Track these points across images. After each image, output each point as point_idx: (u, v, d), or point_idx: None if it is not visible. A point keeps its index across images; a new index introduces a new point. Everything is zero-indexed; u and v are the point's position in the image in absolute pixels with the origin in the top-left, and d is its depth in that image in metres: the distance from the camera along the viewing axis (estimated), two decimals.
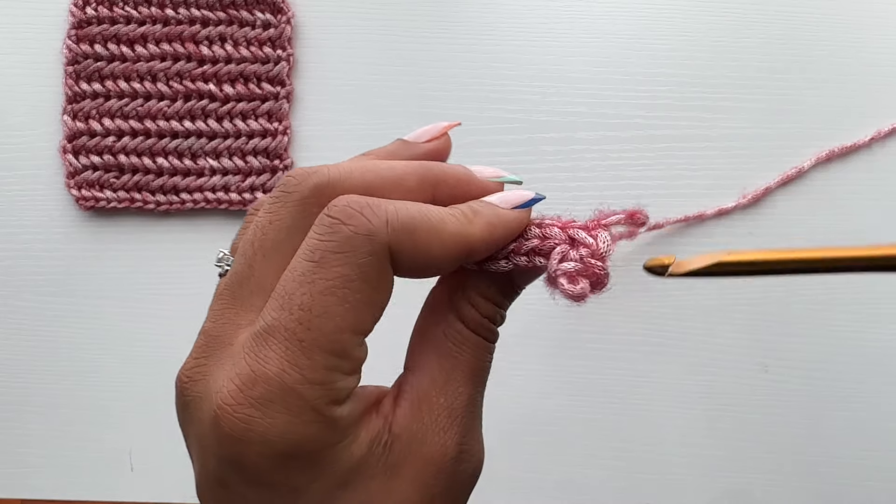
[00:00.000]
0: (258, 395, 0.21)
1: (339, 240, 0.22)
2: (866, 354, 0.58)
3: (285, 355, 0.21)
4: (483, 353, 0.26)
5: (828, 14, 0.59)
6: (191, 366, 0.24)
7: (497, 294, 0.26)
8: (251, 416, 0.21)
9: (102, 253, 0.59)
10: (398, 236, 0.22)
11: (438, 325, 0.26)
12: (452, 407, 0.25)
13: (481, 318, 0.26)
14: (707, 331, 0.58)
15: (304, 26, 0.60)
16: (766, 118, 0.59)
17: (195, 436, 0.23)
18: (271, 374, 0.21)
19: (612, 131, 0.59)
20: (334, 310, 0.22)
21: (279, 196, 0.24)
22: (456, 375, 0.25)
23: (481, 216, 0.25)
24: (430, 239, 0.23)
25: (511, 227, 0.25)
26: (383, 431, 0.24)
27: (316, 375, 0.22)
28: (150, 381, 0.59)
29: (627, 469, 0.58)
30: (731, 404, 0.58)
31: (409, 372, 0.26)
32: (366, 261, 0.22)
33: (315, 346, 0.21)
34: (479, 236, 0.24)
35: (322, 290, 0.22)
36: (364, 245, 0.22)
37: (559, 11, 0.59)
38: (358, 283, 0.22)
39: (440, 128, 0.28)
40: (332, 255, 0.22)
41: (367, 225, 0.22)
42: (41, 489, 0.59)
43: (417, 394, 0.25)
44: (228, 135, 0.58)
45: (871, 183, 0.58)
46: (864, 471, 0.58)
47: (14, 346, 0.59)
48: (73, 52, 0.58)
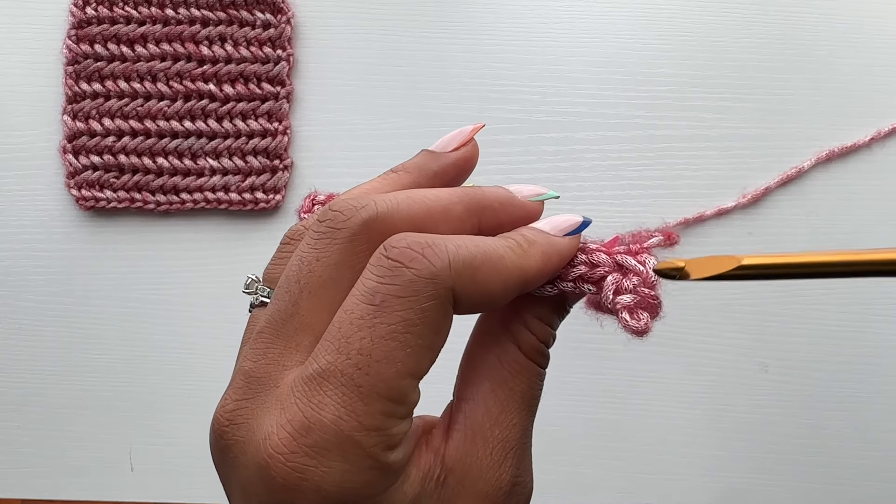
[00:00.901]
0: (312, 444, 0.21)
1: (402, 283, 0.21)
2: (866, 354, 0.58)
3: (342, 401, 0.21)
4: (537, 380, 0.25)
5: (828, 14, 0.59)
6: (231, 408, 0.23)
7: (551, 315, 0.26)
8: (305, 466, 0.21)
9: (102, 253, 0.59)
10: (461, 278, 0.22)
11: (492, 351, 0.25)
12: (507, 439, 0.24)
13: (538, 342, 0.25)
14: (707, 331, 0.58)
15: (304, 26, 0.60)
16: (766, 118, 0.59)
17: (238, 482, 0.22)
18: (327, 422, 0.21)
19: (612, 131, 0.59)
20: (395, 355, 0.21)
21: (326, 232, 0.23)
22: (510, 406, 0.24)
23: (536, 246, 0.24)
24: (490, 276, 0.22)
25: (564, 255, 0.25)
26: (435, 466, 0.23)
27: (373, 422, 0.21)
28: (150, 381, 0.59)
29: (627, 469, 0.58)
30: (731, 404, 0.58)
31: (460, 401, 0.25)
32: (429, 305, 0.21)
33: (373, 392, 0.21)
34: (536, 267, 0.24)
35: (383, 335, 0.21)
36: (427, 289, 0.21)
37: (559, 11, 0.59)
38: (421, 327, 0.21)
39: (466, 133, 0.27)
40: (394, 299, 0.21)
41: (430, 268, 0.21)
42: (41, 489, 0.59)
43: (471, 426, 0.24)
44: (228, 135, 0.58)
45: (871, 183, 0.58)
46: (864, 471, 0.58)
47: (14, 346, 0.59)
48: (73, 52, 0.58)
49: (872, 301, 0.58)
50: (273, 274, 0.26)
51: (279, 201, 0.59)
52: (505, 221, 0.25)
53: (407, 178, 0.26)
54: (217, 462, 0.23)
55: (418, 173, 0.26)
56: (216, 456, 0.23)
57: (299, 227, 0.26)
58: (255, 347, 0.23)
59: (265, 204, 0.58)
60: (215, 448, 0.23)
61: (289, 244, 0.26)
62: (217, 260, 0.59)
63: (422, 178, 0.26)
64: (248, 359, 0.23)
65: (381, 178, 0.27)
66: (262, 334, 0.23)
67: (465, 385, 0.25)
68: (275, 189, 0.59)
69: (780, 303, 0.58)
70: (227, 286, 0.59)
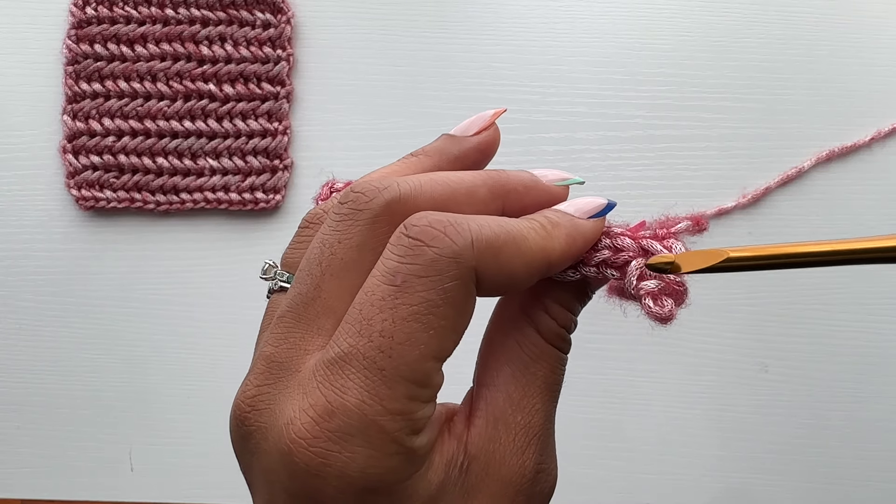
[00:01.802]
0: (335, 428, 0.20)
1: (424, 263, 0.21)
2: (866, 354, 0.58)
3: (365, 385, 0.20)
4: (558, 365, 0.25)
5: (828, 14, 0.59)
6: (252, 393, 0.22)
7: (572, 300, 0.25)
8: (328, 451, 0.20)
9: (102, 253, 0.59)
10: (484, 257, 0.21)
11: (511, 336, 0.24)
12: (530, 425, 0.24)
13: (558, 327, 0.24)
14: (707, 331, 0.58)
15: (304, 26, 0.60)
16: (766, 118, 0.59)
17: (260, 469, 0.22)
18: (350, 406, 0.20)
19: (613, 131, 0.59)
20: (418, 336, 0.20)
21: (348, 213, 0.23)
22: (532, 391, 0.24)
23: (560, 228, 0.23)
24: (513, 257, 0.22)
25: (588, 238, 0.24)
26: (458, 453, 0.23)
27: (397, 406, 0.20)
28: (150, 381, 0.59)
29: (627, 469, 0.58)
30: (731, 404, 0.58)
31: (481, 387, 0.24)
32: (452, 285, 0.21)
33: (397, 374, 0.20)
34: (560, 250, 0.23)
35: (405, 317, 0.20)
36: (450, 268, 0.21)
37: (559, 11, 0.59)
38: (444, 308, 0.21)
39: (487, 117, 0.27)
40: (415, 279, 0.20)
41: (453, 247, 0.21)
42: (41, 489, 0.59)
43: (493, 412, 0.23)
44: (228, 135, 0.58)
45: (871, 183, 0.58)
46: (864, 471, 0.58)
47: (14, 346, 0.59)
48: (73, 52, 0.58)
49: (872, 301, 0.58)
50: (291, 259, 0.26)
51: (279, 201, 0.59)
52: (529, 205, 0.24)
53: (428, 162, 0.26)
54: (238, 450, 0.23)
55: (439, 157, 0.26)
56: (237, 443, 0.23)
57: (318, 211, 0.26)
58: (276, 332, 0.23)
59: (265, 204, 0.58)
60: (236, 435, 0.23)
61: (308, 228, 0.26)
62: (217, 260, 0.59)
63: (443, 161, 0.26)
64: (269, 343, 0.23)
65: (401, 162, 0.26)
66: (284, 318, 0.23)
67: (485, 371, 0.24)
68: (275, 189, 0.59)
69: (780, 303, 0.58)
70: (227, 286, 0.59)
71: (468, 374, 0.25)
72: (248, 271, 0.59)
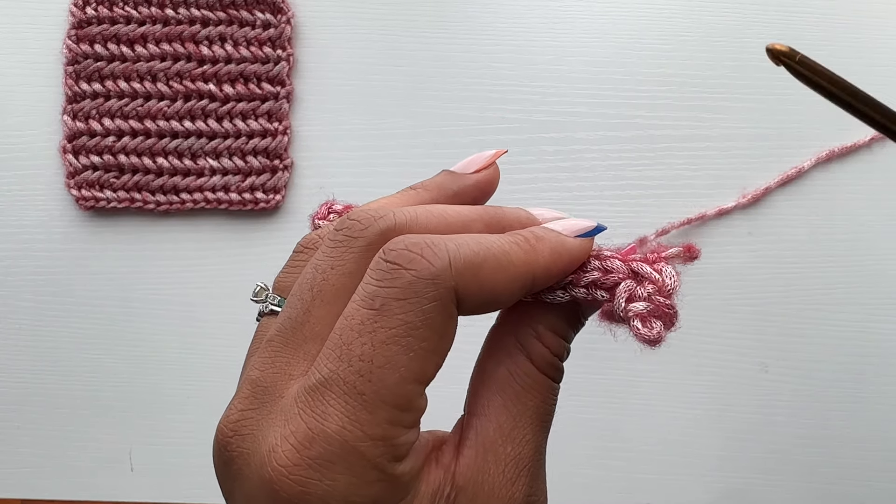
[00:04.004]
0: (316, 456, 0.20)
1: (401, 286, 0.21)
2: (866, 354, 0.58)
3: (345, 411, 0.20)
4: (550, 395, 0.24)
5: (828, 14, 0.59)
6: (236, 418, 0.22)
7: (566, 327, 0.25)
8: (309, 479, 0.20)
9: (102, 253, 0.59)
10: (463, 277, 0.21)
11: (503, 364, 0.24)
12: (520, 456, 0.23)
13: (551, 356, 0.24)
14: (707, 331, 0.58)
15: (304, 26, 0.60)
16: (766, 118, 0.59)
17: (242, 495, 0.22)
18: (330, 432, 0.20)
19: (612, 131, 0.59)
20: (398, 360, 0.20)
21: (342, 241, 0.23)
22: (523, 422, 0.23)
23: (545, 243, 0.23)
24: (494, 273, 0.22)
25: (574, 255, 0.24)
26: (445, 483, 0.22)
27: (378, 431, 0.20)
28: (150, 381, 0.59)
29: (627, 469, 0.58)
30: (731, 404, 0.58)
31: (472, 417, 0.24)
32: (430, 307, 0.21)
33: (377, 399, 0.20)
34: (544, 264, 0.23)
35: (384, 340, 0.20)
36: (428, 290, 0.21)
37: (559, 11, 0.59)
38: (423, 330, 0.21)
39: (487, 157, 0.27)
40: (393, 301, 0.21)
41: (430, 269, 0.21)
42: (41, 489, 0.59)
43: (482, 442, 0.23)
44: (228, 135, 0.58)
45: (871, 183, 0.58)
46: (864, 471, 0.58)
47: (14, 346, 0.59)
48: (73, 52, 0.58)
49: (872, 301, 0.58)
50: (284, 282, 0.26)
51: (279, 201, 0.59)
52: None
53: (426, 196, 0.26)
54: (220, 474, 0.23)
55: (438, 191, 0.26)
56: (219, 469, 0.23)
57: (314, 237, 0.26)
58: (263, 356, 0.23)
59: (265, 204, 0.58)
60: (219, 460, 0.23)
61: (302, 253, 0.26)
62: (217, 260, 0.59)
63: (441, 196, 0.26)
64: (255, 367, 0.23)
65: (399, 194, 0.26)
66: (272, 342, 0.23)
67: (476, 400, 0.24)
68: (275, 189, 0.59)
69: (780, 303, 0.58)
70: (226, 286, 0.59)
71: (458, 402, 0.25)
72: (248, 271, 0.59)
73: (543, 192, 0.58)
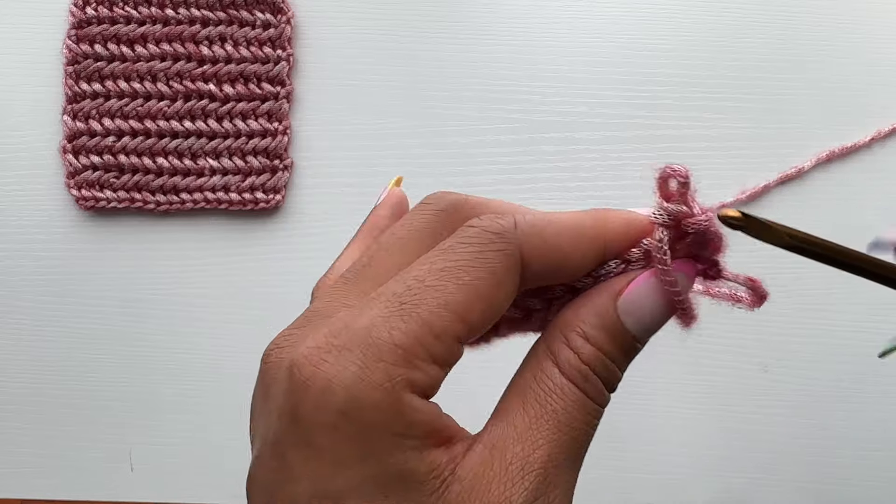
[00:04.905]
0: (339, 343, 0.21)
1: (470, 234, 0.22)
2: (866, 354, 0.58)
3: (381, 312, 0.21)
4: (576, 408, 0.23)
5: (828, 14, 0.59)
6: (282, 335, 0.23)
7: (608, 341, 0.23)
8: (324, 360, 0.20)
9: (102, 253, 0.59)
10: (528, 237, 0.22)
11: (529, 369, 0.24)
12: (529, 458, 0.22)
13: (580, 363, 0.23)
14: (707, 331, 0.58)
15: (304, 26, 0.60)
16: (766, 118, 0.59)
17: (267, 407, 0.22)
18: (360, 324, 0.21)
19: (613, 131, 0.59)
20: (446, 286, 0.21)
21: (417, 207, 0.25)
22: (539, 425, 0.22)
23: (616, 213, 0.25)
24: (560, 232, 0.23)
25: (646, 227, 0.25)
26: (445, 469, 0.22)
27: (404, 340, 0.21)
28: (150, 381, 0.59)
29: (627, 469, 0.58)
30: (731, 404, 0.58)
31: (491, 419, 0.23)
32: (491, 254, 0.22)
33: (414, 311, 0.21)
34: (615, 230, 0.24)
35: (441, 268, 0.22)
36: (492, 240, 0.22)
37: (559, 11, 0.59)
38: (479, 270, 0.22)
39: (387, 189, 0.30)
40: (459, 244, 0.22)
41: (497, 225, 0.22)
42: (41, 489, 0.59)
43: (492, 439, 0.22)
44: (228, 135, 0.58)
45: (871, 183, 0.58)
46: (864, 471, 0.58)
47: (14, 346, 0.59)
48: (73, 52, 0.58)
49: (872, 301, 0.58)
50: None
51: (279, 201, 0.59)
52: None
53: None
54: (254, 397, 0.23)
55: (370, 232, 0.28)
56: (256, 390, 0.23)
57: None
58: (322, 292, 0.24)
59: (265, 204, 0.58)
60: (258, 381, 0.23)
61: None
62: (217, 260, 0.59)
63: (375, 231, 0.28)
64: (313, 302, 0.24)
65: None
66: (335, 284, 0.24)
67: (500, 402, 0.24)
68: (275, 189, 0.59)
69: (780, 303, 0.58)
70: (226, 286, 0.59)
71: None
72: (248, 271, 0.59)
73: (544, 192, 0.58)
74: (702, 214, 0.25)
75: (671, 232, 0.24)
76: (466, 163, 0.59)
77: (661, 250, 0.24)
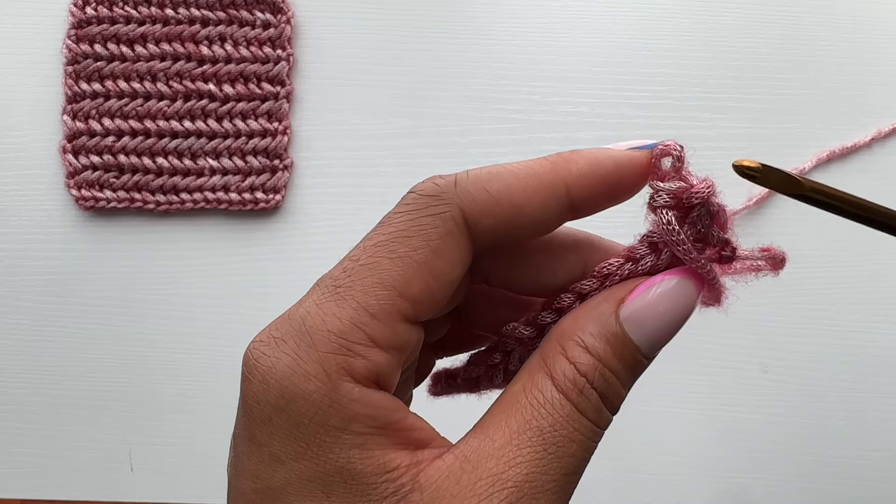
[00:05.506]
0: (278, 335, 0.20)
1: (406, 201, 0.21)
2: (866, 354, 0.58)
3: (317, 298, 0.20)
4: (567, 426, 0.20)
5: (828, 14, 0.59)
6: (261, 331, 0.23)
7: (609, 351, 0.21)
8: (263, 354, 0.20)
9: (102, 253, 0.59)
10: (471, 195, 0.20)
11: (520, 381, 0.21)
12: (502, 476, 0.19)
13: (576, 375, 0.20)
14: (707, 331, 0.58)
15: (304, 26, 0.60)
16: (766, 118, 0.59)
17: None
18: (297, 314, 0.20)
19: (613, 131, 0.59)
20: (381, 262, 0.20)
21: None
22: (519, 441, 0.19)
23: (581, 154, 0.22)
24: (509, 184, 0.21)
25: (620, 162, 0.22)
26: (404, 475, 0.19)
27: (339, 326, 0.19)
28: (150, 381, 0.59)
29: (627, 469, 0.58)
30: (731, 404, 0.58)
31: (470, 430, 0.21)
32: (426, 219, 0.20)
33: (348, 294, 0.20)
34: (577, 172, 0.21)
35: (375, 243, 0.20)
36: (427, 204, 0.20)
37: (559, 11, 0.59)
38: (415, 239, 0.20)
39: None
40: (395, 213, 0.21)
41: (433, 187, 0.21)
42: (41, 489, 0.59)
43: (465, 451, 0.20)
44: (228, 135, 0.58)
45: (871, 183, 0.58)
46: (864, 471, 0.58)
47: (14, 346, 0.59)
48: (73, 52, 0.58)
49: (872, 301, 0.58)
50: None
51: (279, 201, 0.59)
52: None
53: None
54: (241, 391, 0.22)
55: None
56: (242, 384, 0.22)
57: None
58: None
59: (265, 204, 0.58)
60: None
61: None
62: (217, 260, 0.59)
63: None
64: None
65: None
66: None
67: (483, 416, 0.21)
68: (275, 189, 0.59)
69: (780, 303, 0.58)
70: (226, 286, 0.59)
71: None
72: (248, 271, 0.59)
73: None
74: (702, 183, 0.23)
75: (676, 212, 0.22)
76: (466, 163, 0.58)
77: (674, 233, 0.21)
